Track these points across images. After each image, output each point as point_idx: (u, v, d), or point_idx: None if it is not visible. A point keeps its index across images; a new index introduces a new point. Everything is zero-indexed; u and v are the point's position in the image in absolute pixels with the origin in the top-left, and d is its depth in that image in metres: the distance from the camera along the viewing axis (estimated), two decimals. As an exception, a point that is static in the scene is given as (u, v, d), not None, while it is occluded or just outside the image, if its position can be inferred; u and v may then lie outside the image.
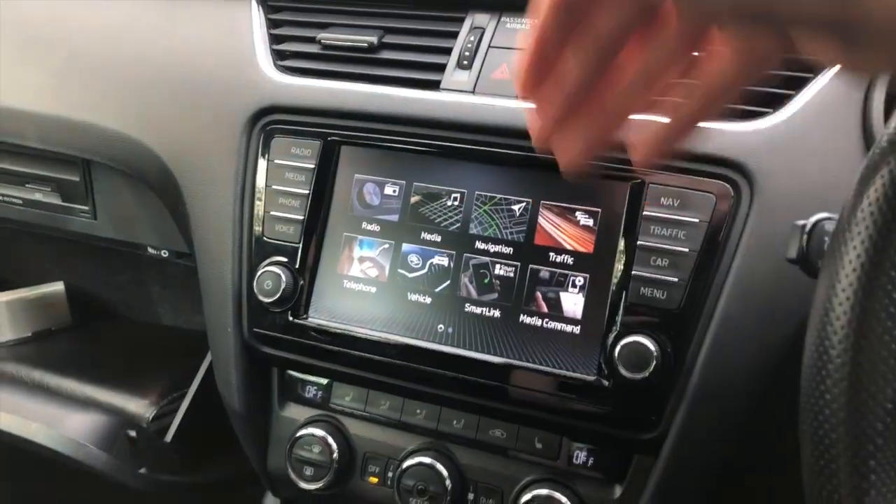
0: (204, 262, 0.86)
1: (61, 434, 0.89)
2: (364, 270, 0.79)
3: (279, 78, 0.85)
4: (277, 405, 0.88)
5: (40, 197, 1.12)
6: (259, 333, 0.83)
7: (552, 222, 0.73)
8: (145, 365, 1.20)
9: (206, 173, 0.86)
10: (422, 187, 0.78)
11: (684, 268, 0.68)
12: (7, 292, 1.31)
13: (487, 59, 0.80)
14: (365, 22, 0.86)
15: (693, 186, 0.69)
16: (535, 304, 0.73)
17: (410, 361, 0.77)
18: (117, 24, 0.94)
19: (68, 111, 0.94)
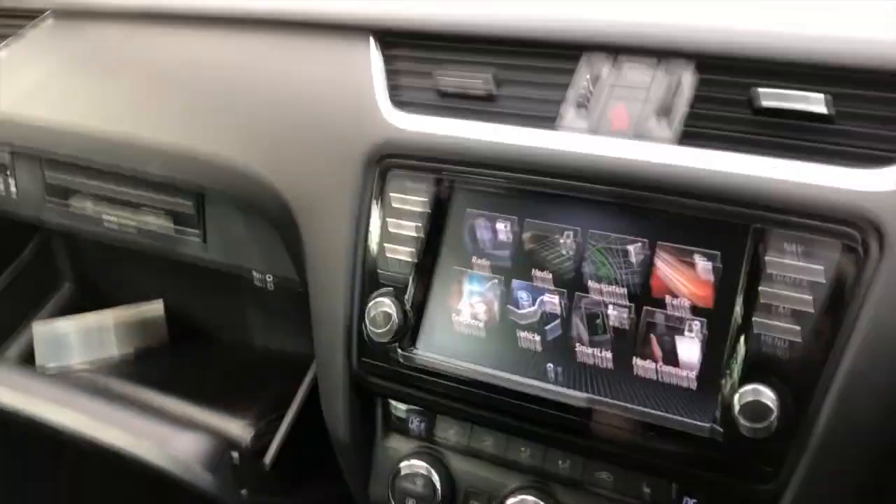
0: (317, 294, 0.89)
1: (171, 454, 0.92)
2: (473, 306, 0.80)
3: (396, 119, 0.87)
4: (381, 436, 0.89)
5: (154, 222, 1.17)
6: (367, 365, 0.84)
7: (669, 265, 0.73)
8: (242, 386, 1.24)
9: (323, 208, 0.89)
10: (534, 225, 0.79)
11: (807, 319, 0.67)
12: (113, 310, 1.37)
13: (604, 102, 0.80)
14: (481, 65, 0.87)
15: (819, 235, 0.68)
16: (649, 349, 0.73)
17: (518, 400, 0.77)
18: (242, 63, 0.99)
19: (193, 144, 0.99)
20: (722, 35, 0.77)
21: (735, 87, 0.75)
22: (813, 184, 0.68)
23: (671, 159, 0.74)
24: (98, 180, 1.20)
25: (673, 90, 0.77)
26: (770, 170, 0.70)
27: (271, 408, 1.12)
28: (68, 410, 0.99)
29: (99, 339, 1.32)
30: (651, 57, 0.80)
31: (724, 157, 0.72)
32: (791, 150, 0.71)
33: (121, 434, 0.94)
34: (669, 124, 0.76)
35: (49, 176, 1.25)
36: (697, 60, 0.78)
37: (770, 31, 0.75)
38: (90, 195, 1.23)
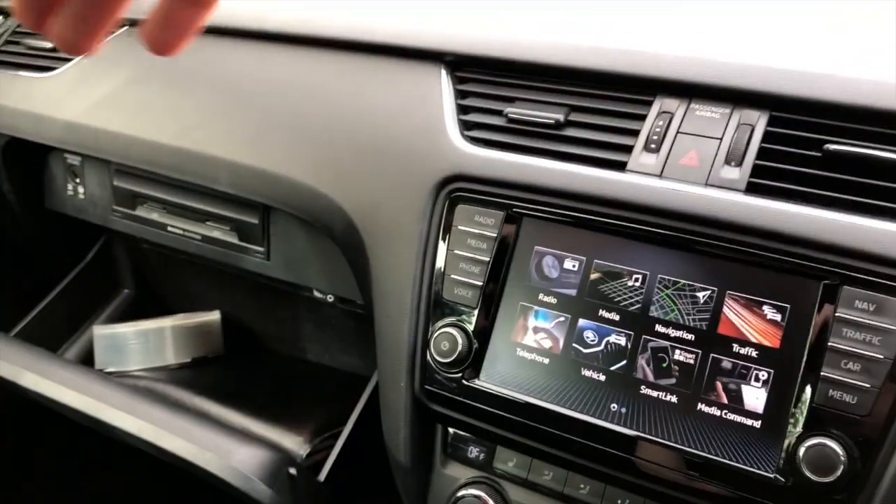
0: (382, 316, 0.90)
1: (232, 466, 0.94)
2: (538, 341, 0.81)
3: (466, 148, 0.88)
4: (440, 462, 0.91)
5: (219, 235, 1.20)
6: (430, 391, 0.86)
7: (737, 313, 0.74)
8: (297, 400, 1.26)
9: (391, 232, 0.90)
10: (602, 265, 0.80)
11: (878, 374, 0.67)
12: (171, 317, 1.41)
13: (676, 144, 0.81)
14: (552, 98, 0.89)
15: (891, 292, 0.68)
16: (714, 394, 0.74)
17: (579, 436, 0.78)
18: (314, 85, 1.01)
19: (263, 162, 1.01)
20: (798, 82, 0.77)
21: (809, 134, 0.76)
22: (883, 235, 0.69)
23: (741, 203, 0.75)
24: (165, 189, 1.23)
25: (746, 136, 0.78)
26: (841, 220, 0.71)
27: (326, 424, 1.14)
28: (133, 417, 1.01)
29: (157, 345, 1.35)
30: (725, 104, 0.81)
31: (794, 205, 0.73)
32: (862, 200, 0.72)
33: (184, 444, 0.97)
34: (740, 170, 0.77)
35: (117, 182, 1.29)
36: (772, 107, 0.79)
37: (847, 79, 0.76)
38: (156, 203, 1.26)
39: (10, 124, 1.28)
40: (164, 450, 0.98)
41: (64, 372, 1.11)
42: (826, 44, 0.87)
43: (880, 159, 0.72)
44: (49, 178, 1.39)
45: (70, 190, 1.36)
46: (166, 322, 1.38)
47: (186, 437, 0.97)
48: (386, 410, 0.91)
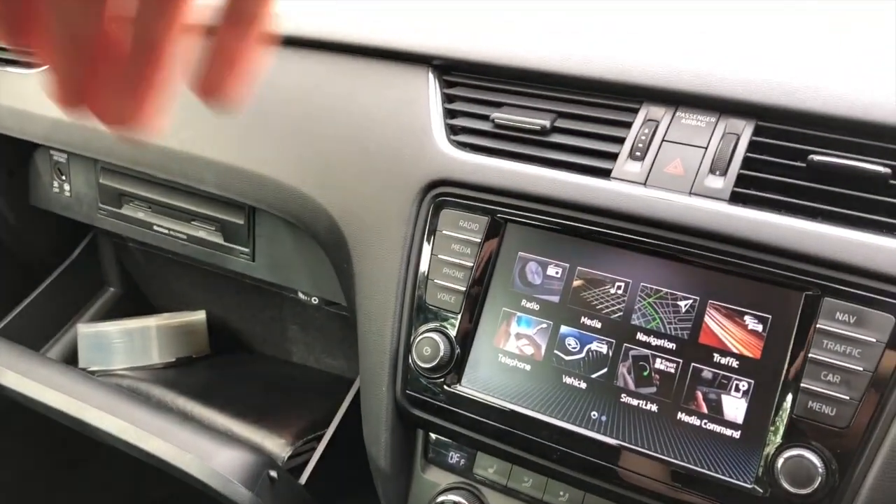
0: (364, 320, 0.90)
1: (212, 469, 0.93)
2: (520, 347, 0.81)
3: (452, 152, 0.88)
4: (420, 467, 0.90)
5: (204, 235, 1.20)
6: (411, 396, 0.86)
7: (719, 323, 0.74)
8: (280, 402, 1.25)
9: (375, 236, 0.90)
10: (585, 272, 0.80)
11: (857, 386, 0.67)
12: (156, 316, 1.40)
13: (661, 152, 0.81)
14: (538, 105, 0.89)
15: (871, 304, 0.68)
16: (694, 403, 0.73)
17: (559, 444, 0.78)
18: (302, 87, 1.01)
19: (249, 163, 1.01)
20: (784, 93, 0.77)
21: (794, 145, 0.76)
22: (865, 247, 0.69)
23: (724, 213, 0.75)
24: (151, 188, 1.23)
25: (731, 146, 0.78)
26: (824, 231, 0.71)
27: (309, 427, 1.14)
28: (114, 417, 1.01)
29: (141, 344, 1.35)
30: (711, 112, 0.81)
31: (777, 215, 0.73)
32: (846, 212, 0.72)
33: (165, 445, 0.96)
34: (725, 179, 0.77)
35: (103, 180, 1.28)
36: (758, 117, 0.79)
37: (833, 91, 0.76)
38: (142, 202, 1.25)
39: (-5, 120, 1.27)
40: (145, 451, 0.97)
41: (45, 371, 1.11)
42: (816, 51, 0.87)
43: (864, 171, 0.72)
44: (34, 174, 1.38)
45: (56, 187, 1.35)
46: (151, 321, 1.37)
47: (167, 439, 0.97)
48: (367, 415, 0.90)
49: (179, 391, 1.23)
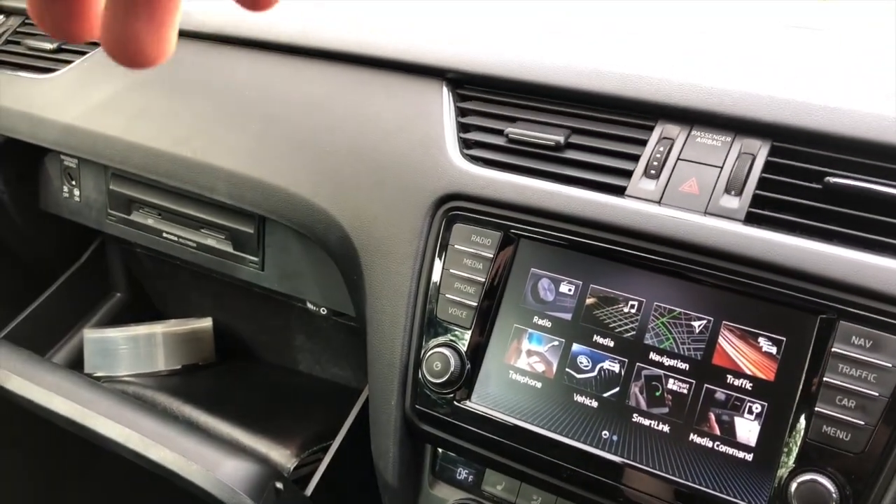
0: (374, 332, 0.90)
1: (218, 479, 0.93)
2: (531, 364, 0.81)
3: (465, 166, 0.88)
4: (428, 483, 0.90)
5: (214, 243, 1.20)
6: (420, 411, 0.85)
7: (733, 344, 0.73)
8: (286, 412, 1.25)
9: (387, 248, 0.90)
10: (598, 290, 0.79)
11: (872, 412, 0.67)
12: (162, 323, 1.40)
13: (676, 170, 0.80)
14: (553, 120, 0.88)
15: (888, 329, 0.68)
16: (707, 425, 0.73)
17: (569, 463, 0.77)
18: (316, 97, 1.00)
19: (261, 174, 1.01)
20: (800, 113, 0.77)
21: (811, 166, 0.76)
22: (882, 271, 0.69)
23: (740, 233, 0.74)
24: (161, 195, 1.23)
25: (746, 166, 0.78)
26: (839, 254, 0.71)
27: (315, 438, 1.13)
28: (119, 425, 1.00)
29: (147, 351, 1.34)
30: (727, 132, 0.81)
31: (793, 237, 0.73)
32: (862, 234, 0.72)
33: (170, 454, 0.96)
34: (740, 199, 0.76)
35: (113, 186, 1.28)
36: (774, 137, 0.78)
37: (850, 111, 0.75)
38: (152, 209, 1.25)
39: (7, 125, 1.27)
40: (150, 459, 0.97)
41: (50, 376, 1.10)
42: (833, 71, 0.87)
43: (881, 194, 0.72)
44: (45, 179, 1.38)
45: (66, 192, 1.35)
46: (157, 328, 1.37)
47: (172, 448, 0.96)
48: (375, 428, 0.90)
49: (185, 399, 1.22)
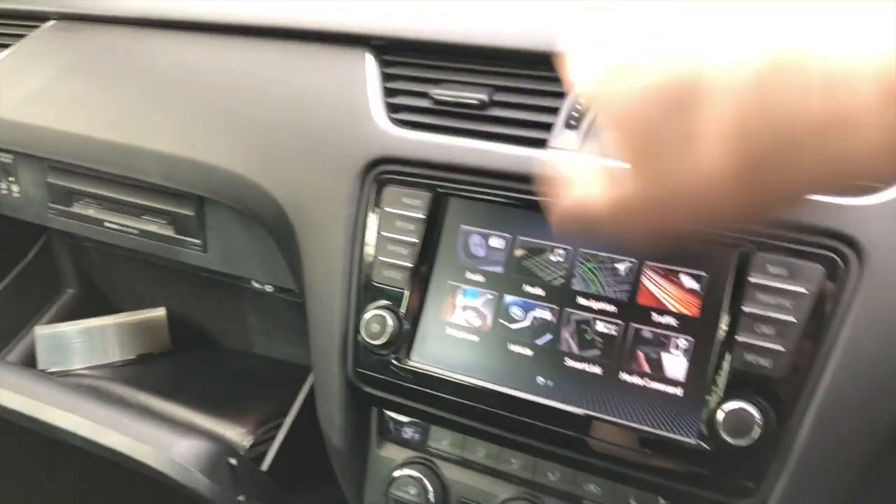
0: (313, 302, 0.90)
1: (170, 458, 0.93)
2: (467, 319, 0.82)
3: (392, 130, 0.89)
4: (376, 444, 0.91)
5: (155, 229, 1.19)
6: (362, 374, 0.86)
7: (656, 283, 0.75)
8: (242, 393, 1.25)
9: (320, 218, 0.90)
10: (527, 241, 0.81)
11: (790, 337, 0.69)
12: (115, 315, 1.39)
13: (594, 120, 0.82)
14: (476, 80, 0.89)
15: (801, 257, 0.69)
16: (636, 364, 0.75)
17: (508, 411, 0.79)
18: (242, 74, 1.00)
19: (192, 153, 1.01)
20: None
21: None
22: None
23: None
24: (101, 185, 1.22)
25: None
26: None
27: (271, 415, 1.14)
28: (69, 413, 1.00)
29: (101, 343, 1.34)
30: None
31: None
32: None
33: (120, 438, 0.96)
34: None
35: (52, 179, 1.27)
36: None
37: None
38: (92, 199, 1.24)
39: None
40: (101, 445, 0.97)
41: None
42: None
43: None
44: (-20, 177, 1.37)
45: (3, 189, 1.34)
46: (110, 320, 1.36)
47: (123, 432, 0.96)
48: (320, 396, 0.91)
49: (139, 387, 1.22)
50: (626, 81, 0.44)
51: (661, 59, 0.42)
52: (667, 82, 0.42)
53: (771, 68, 0.38)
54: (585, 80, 0.46)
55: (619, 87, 0.44)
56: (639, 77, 0.43)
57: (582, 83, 0.47)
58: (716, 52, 0.41)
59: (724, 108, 0.40)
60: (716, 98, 0.40)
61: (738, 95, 0.39)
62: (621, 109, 0.44)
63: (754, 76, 0.39)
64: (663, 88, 0.42)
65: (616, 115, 0.45)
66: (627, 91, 0.43)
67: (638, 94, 0.43)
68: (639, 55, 0.43)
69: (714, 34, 0.41)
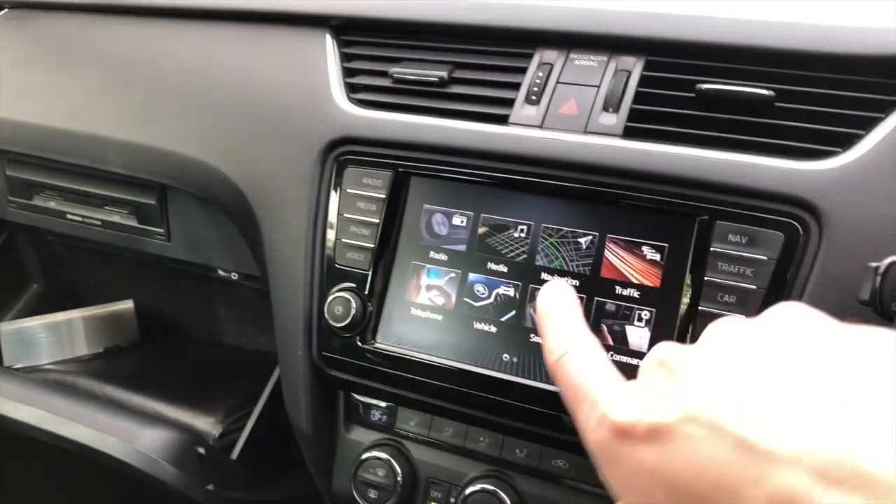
0: (276, 287, 0.89)
1: (135, 449, 0.92)
2: (431, 298, 0.81)
3: (352, 110, 0.88)
4: (343, 428, 0.90)
5: (118, 219, 1.17)
6: (328, 357, 0.85)
7: (618, 256, 0.75)
8: (211, 383, 1.24)
9: (281, 201, 0.89)
10: (489, 219, 0.80)
11: (752, 305, 0.69)
12: (82, 309, 1.37)
13: (555, 94, 0.81)
14: (436, 57, 0.88)
15: (761, 224, 0.69)
16: (600, 337, 0.74)
17: (474, 389, 0.78)
18: (199, 57, 0.99)
19: (151, 140, 0.99)
20: (670, 25, 0.78)
21: (683, 76, 0.77)
22: (751, 168, 0.70)
23: (618, 147, 0.75)
24: (61, 176, 1.20)
25: (622, 82, 0.79)
26: (713, 157, 0.72)
27: (240, 404, 1.13)
28: (31, 407, 0.99)
29: (68, 338, 1.32)
30: (603, 52, 0.81)
31: (669, 146, 0.74)
32: (733, 136, 0.73)
33: (85, 430, 0.95)
34: (618, 115, 0.77)
35: (10, 172, 1.24)
36: (647, 52, 0.79)
37: (716, 19, 0.77)
38: (53, 191, 1.22)
39: None
40: (66, 438, 0.95)
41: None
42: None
43: (749, 95, 0.73)
44: (-63, 172, 1.34)
45: (-39, 183, 1.31)
46: (76, 313, 1.34)
47: (88, 424, 0.95)
48: (286, 381, 0.90)
49: (107, 380, 1.20)
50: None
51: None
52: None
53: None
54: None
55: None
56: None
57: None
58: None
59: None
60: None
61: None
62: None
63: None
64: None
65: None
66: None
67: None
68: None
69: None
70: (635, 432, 0.42)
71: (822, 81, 0.73)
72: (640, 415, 0.42)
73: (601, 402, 0.46)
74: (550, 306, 0.56)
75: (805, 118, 0.72)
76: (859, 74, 0.72)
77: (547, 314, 0.56)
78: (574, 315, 0.55)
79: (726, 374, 0.40)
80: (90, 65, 1.08)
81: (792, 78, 0.74)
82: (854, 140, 0.70)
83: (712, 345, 0.44)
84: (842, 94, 0.72)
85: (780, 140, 0.72)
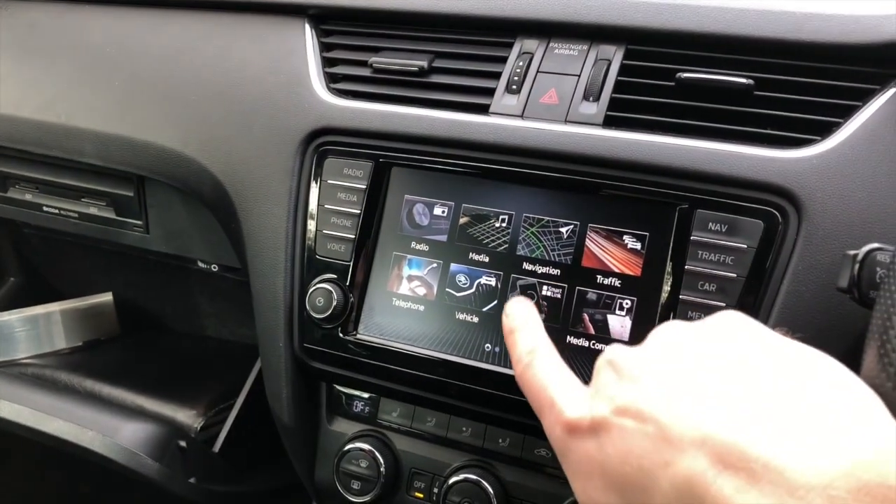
0: (256, 278, 0.89)
1: (115, 443, 0.91)
2: (413, 289, 0.81)
3: (332, 100, 0.87)
4: (326, 419, 0.90)
5: (95, 211, 1.16)
6: (309, 348, 0.85)
7: (599, 245, 0.75)
8: (192, 376, 1.23)
9: (260, 192, 0.88)
10: (470, 209, 0.80)
11: (732, 293, 0.69)
12: (60, 302, 1.35)
13: (536, 83, 0.81)
14: (416, 46, 0.88)
15: (741, 212, 0.70)
16: (582, 326, 0.74)
17: (456, 379, 0.78)
18: (176, 47, 0.98)
19: (128, 130, 0.98)
20: (650, 13, 0.78)
21: (663, 65, 0.77)
22: (731, 157, 0.71)
23: (598, 137, 0.75)
24: (37, 168, 1.18)
25: (602, 71, 0.79)
26: (692, 146, 0.73)
27: (221, 397, 1.12)
28: (9, 402, 0.98)
29: (46, 331, 1.30)
30: (583, 41, 0.81)
31: (649, 135, 0.74)
32: (713, 125, 0.74)
33: (64, 424, 0.94)
34: (598, 104, 0.77)
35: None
36: (628, 41, 0.79)
37: (697, 7, 0.77)
38: (28, 184, 1.21)
39: None
40: (45, 433, 0.94)
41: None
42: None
43: (727, 83, 0.74)
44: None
45: (-65, 177, 1.29)
46: (55, 306, 1.33)
47: (67, 418, 0.94)
48: (268, 373, 0.89)
49: (86, 374, 1.19)
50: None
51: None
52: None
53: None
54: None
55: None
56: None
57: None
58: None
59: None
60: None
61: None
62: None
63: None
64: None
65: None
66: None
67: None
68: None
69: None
70: (581, 427, 0.48)
71: (801, 70, 0.73)
72: (586, 411, 0.48)
73: (558, 403, 0.51)
74: (514, 323, 0.61)
75: (784, 106, 0.72)
76: (837, 63, 0.72)
77: (511, 331, 0.61)
78: (535, 329, 0.60)
79: (660, 372, 0.45)
80: (65, 55, 1.06)
81: (771, 66, 0.74)
82: (832, 128, 0.71)
83: (653, 347, 0.49)
84: (820, 82, 0.72)
85: (759, 128, 0.72)
